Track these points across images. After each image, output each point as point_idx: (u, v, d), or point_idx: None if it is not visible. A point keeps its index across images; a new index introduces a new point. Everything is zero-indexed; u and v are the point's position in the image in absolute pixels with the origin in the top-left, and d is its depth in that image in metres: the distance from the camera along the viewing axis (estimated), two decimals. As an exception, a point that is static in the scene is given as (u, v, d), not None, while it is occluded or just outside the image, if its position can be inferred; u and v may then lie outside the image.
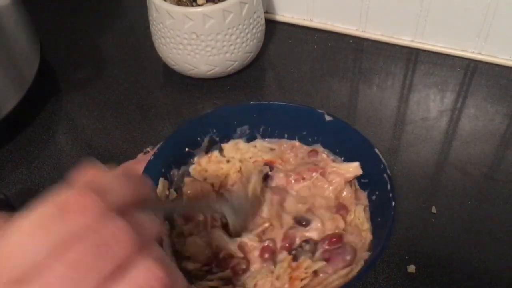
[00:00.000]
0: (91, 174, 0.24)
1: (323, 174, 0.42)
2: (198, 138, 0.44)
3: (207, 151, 0.44)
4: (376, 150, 0.41)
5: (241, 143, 0.45)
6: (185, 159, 0.44)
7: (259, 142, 0.45)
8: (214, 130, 0.44)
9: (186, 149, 0.43)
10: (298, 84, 0.63)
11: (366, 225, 0.39)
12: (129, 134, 0.58)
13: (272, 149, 0.45)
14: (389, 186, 0.38)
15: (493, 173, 0.53)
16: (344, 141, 0.43)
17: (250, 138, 0.46)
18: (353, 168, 0.42)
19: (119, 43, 0.71)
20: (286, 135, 0.45)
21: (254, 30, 0.61)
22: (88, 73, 0.67)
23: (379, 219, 0.39)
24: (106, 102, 0.62)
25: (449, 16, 0.63)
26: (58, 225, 0.21)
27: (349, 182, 0.42)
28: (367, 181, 0.42)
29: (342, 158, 0.44)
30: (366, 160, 0.42)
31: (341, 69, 0.66)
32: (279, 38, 0.70)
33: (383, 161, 0.40)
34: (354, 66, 0.66)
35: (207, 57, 0.59)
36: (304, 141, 0.45)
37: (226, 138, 0.45)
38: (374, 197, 0.41)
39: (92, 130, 0.59)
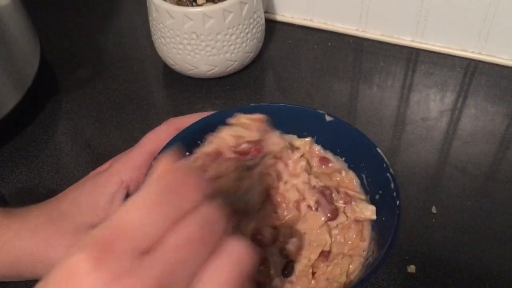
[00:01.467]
0: (176, 160, 0.26)
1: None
2: (199, 142, 0.44)
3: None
4: (378, 150, 0.40)
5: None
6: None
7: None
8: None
9: (187, 154, 0.43)
10: (298, 84, 0.63)
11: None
12: (129, 134, 0.58)
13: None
14: (392, 185, 0.38)
15: (493, 173, 0.53)
16: (345, 141, 0.43)
17: None
18: (370, 212, 0.40)
19: (119, 43, 0.71)
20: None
21: (254, 30, 0.61)
22: (88, 73, 0.67)
23: (383, 218, 0.39)
24: (106, 102, 0.62)
25: (449, 16, 0.62)
26: (173, 201, 0.23)
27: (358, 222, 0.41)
28: (370, 181, 0.42)
29: (344, 159, 0.44)
30: (368, 159, 0.41)
31: (341, 69, 0.66)
32: (279, 38, 0.70)
33: (386, 160, 0.40)
34: (354, 66, 0.66)
35: (207, 57, 0.59)
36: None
37: None
38: (377, 197, 0.40)
39: (92, 130, 0.59)
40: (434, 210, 0.49)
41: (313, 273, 0.37)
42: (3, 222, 0.38)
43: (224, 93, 0.63)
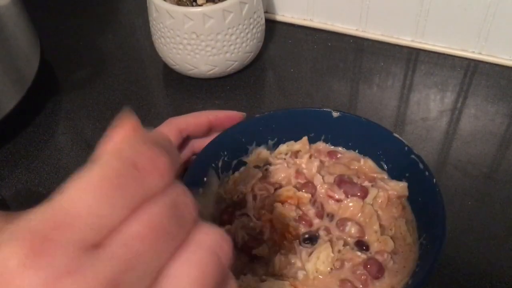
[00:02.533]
0: (139, 130, 0.22)
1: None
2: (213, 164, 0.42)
3: (219, 176, 0.42)
4: (395, 135, 0.40)
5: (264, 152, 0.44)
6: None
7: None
8: (225, 153, 0.43)
9: (205, 179, 0.42)
10: (298, 84, 0.63)
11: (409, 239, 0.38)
12: (129, 134, 0.58)
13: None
14: (421, 165, 0.38)
15: (493, 173, 0.53)
16: (357, 134, 0.43)
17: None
18: (401, 188, 0.41)
19: (119, 43, 0.71)
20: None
21: (254, 30, 0.61)
22: (88, 73, 0.67)
23: (419, 199, 0.39)
24: (106, 102, 0.62)
25: (449, 16, 0.62)
26: (134, 185, 0.19)
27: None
28: (391, 166, 0.41)
29: (357, 151, 0.44)
30: (386, 147, 0.41)
31: (341, 69, 0.66)
32: (279, 38, 0.70)
33: (406, 143, 0.39)
34: (354, 66, 0.66)
35: (207, 57, 0.59)
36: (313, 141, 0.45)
37: (237, 159, 0.44)
38: (404, 180, 0.40)
39: (92, 130, 0.59)
40: (434, 210, 0.49)
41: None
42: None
43: (224, 93, 0.63)
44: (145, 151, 0.20)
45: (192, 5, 0.60)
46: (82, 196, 0.18)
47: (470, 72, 0.64)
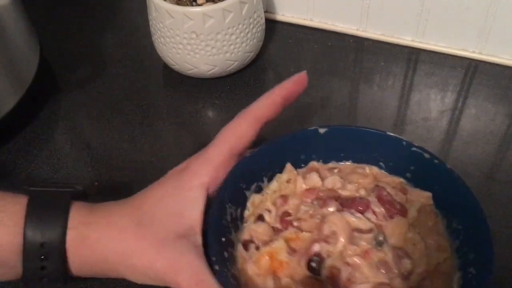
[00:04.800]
0: None
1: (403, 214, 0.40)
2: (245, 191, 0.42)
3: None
4: (389, 133, 0.40)
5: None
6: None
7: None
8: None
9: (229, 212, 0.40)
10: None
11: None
12: (129, 134, 0.58)
13: None
14: (427, 155, 0.39)
15: (493, 173, 0.52)
16: (347, 144, 0.42)
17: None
18: (426, 198, 0.40)
19: (119, 43, 0.71)
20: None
21: (254, 30, 0.61)
22: (87, 73, 0.67)
23: (439, 190, 0.38)
24: (105, 102, 0.62)
25: (450, 15, 0.62)
26: None
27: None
28: (391, 165, 0.41)
29: (350, 161, 0.43)
30: (380, 146, 0.41)
31: (342, 69, 0.65)
32: (279, 37, 0.70)
33: (404, 138, 0.40)
34: (354, 66, 0.66)
35: (207, 57, 0.59)
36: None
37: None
38: (408, 175, 0.40)
39: (91, 130, 0.59)
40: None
41: None
42: (91, 219, 0.37)
43: (224, 93, 0.62)
44: None
45: (192, 5, 0.60)
46: None
47: (471, 72, 0.64)
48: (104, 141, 0.58)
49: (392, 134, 0.40)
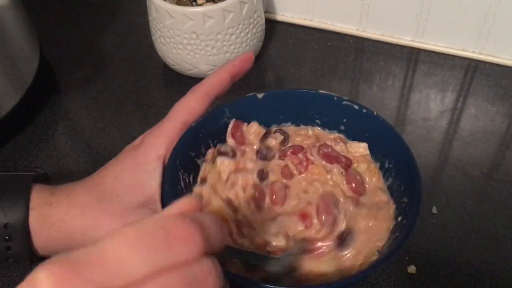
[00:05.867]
0: (194, 207, 0.25)
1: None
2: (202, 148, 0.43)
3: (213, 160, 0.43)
4: (322, 91, 0.44)
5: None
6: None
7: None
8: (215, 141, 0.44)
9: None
10: (298, 84, 0.63)
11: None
12: (129, 134, 0.58)
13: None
14: (356, 106, 0.43)
15: (493, 173, 0.52)
16: (312, 107, 0.45)
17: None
18: (363, 148, 0.43)
19: (119, 43, 0.71)
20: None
21: (254, 30, 0.61)
22: (87, 73, 0.67)
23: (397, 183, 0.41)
24: (106, 102, 0.62)
25: (449, 15, 0.62)
26: (162, 249, 0.22)
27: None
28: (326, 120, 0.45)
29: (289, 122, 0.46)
30: (317, 105, 0.44)
31: (341, 69, 0.66)
32: (279, 38, 0.70)
33: (333, 94, 0.43)
34: (354, 66, 0.66)
35: (207, 57, 0.59)
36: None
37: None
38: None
39: (91, 130, 0.59)
40: (434, 210, 0.49)
41: None
42: (52, 200, 0.39)
43: (224, 93, 0.62)
44: (182, 224, 0.23)
45: (192, 5, 0.60)
46: (118, 244, 0.21)
47: (471, 72, 0.64)
48: (104, 141, 0.58)
49: (324, 92, 0.44)
